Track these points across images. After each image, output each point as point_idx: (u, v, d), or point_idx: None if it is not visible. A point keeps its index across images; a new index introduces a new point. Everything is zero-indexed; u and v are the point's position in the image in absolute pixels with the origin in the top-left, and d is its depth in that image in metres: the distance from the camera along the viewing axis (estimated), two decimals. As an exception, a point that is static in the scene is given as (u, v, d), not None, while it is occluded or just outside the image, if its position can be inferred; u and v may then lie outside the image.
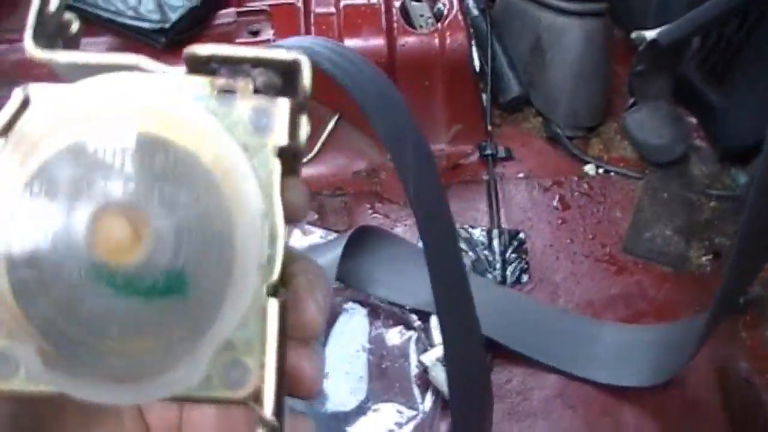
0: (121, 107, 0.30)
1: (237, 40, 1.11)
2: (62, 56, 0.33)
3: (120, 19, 1.12)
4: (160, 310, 0.30)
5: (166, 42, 1.12)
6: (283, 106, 0.32)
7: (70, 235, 0.29)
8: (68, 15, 0.37)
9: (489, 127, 1.17)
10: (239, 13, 1.16)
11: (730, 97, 1.13)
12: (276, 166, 0.32)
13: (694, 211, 1.11)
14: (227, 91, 0.32)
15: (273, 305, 0.31)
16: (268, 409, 0.31)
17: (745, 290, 0.96)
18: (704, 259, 1.07)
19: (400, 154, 0.52)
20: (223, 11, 1.18)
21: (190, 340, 0.30)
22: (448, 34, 1.12)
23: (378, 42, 1.11)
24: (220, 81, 0.32)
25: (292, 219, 0.36)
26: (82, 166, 0.29)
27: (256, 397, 0.31)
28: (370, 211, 1.12)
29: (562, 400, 0.96)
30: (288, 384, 0.36)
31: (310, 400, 0.36)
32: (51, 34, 0.35)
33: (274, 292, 0.32)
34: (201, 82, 0.32)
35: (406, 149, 0.52)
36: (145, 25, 1.12)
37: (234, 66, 0.33)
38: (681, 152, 1.16)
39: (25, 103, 0.31)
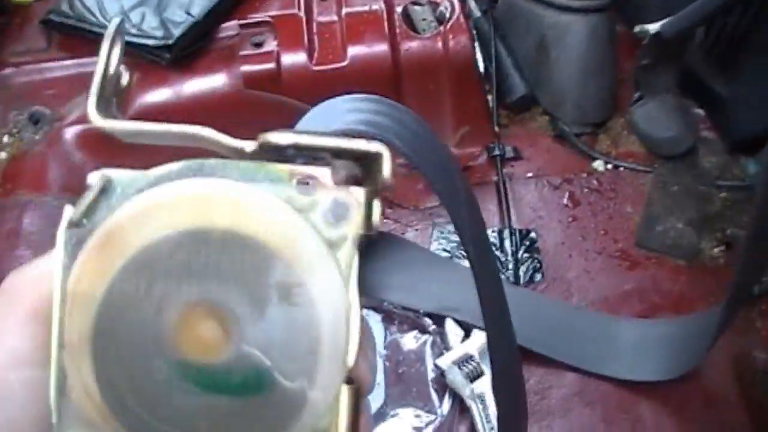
0: (205, 200, 0.30)
1: (241, 53, 1.11)
2: (127, 125, 0.34)
3: (125, 38, 1.13)
4: (248, 407, 0.30)
5: (170, 58, 1.12)
6: (360, 196, 0.33)
7: (158, 334, 0.29)
8: (120, 68, 0.37)
9: (496, 128, 1.17)
10: (242, 26, 1.16)
11: (737, 87, 1.13)
12: (355, 258, 0.32)
13: (705, 202, 1.11)
14: (305, 181, 0.32)
15: (348, 393, 0.32)
16: None
17: (759, 279, 0.96)
18: (717, 250, 1.07)
19: (458, 214, 0.53)
20: (226, 24, 1.18)
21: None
22: (450, 36, 1.12)
23: (381, 48, 1.11)
24: (301, 171, 0.32)
25: None
26: (169, 265, 0.29)
27: None
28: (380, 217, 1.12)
29: (580, 398, 0.96)
30: None
31: None
32: (108, 95, 0.35)
33: (349, 379, 0.32)
34: (279, 170, 0.32)
35: (462, 208, 0.53)
36: (150, 42, 1.13)
37: (313, 154, 0.33)
38: (689, 144, 1.15)
39: (104, 190, 0.31)
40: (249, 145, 0.33)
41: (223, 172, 0.32)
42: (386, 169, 0.34)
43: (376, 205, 0.35)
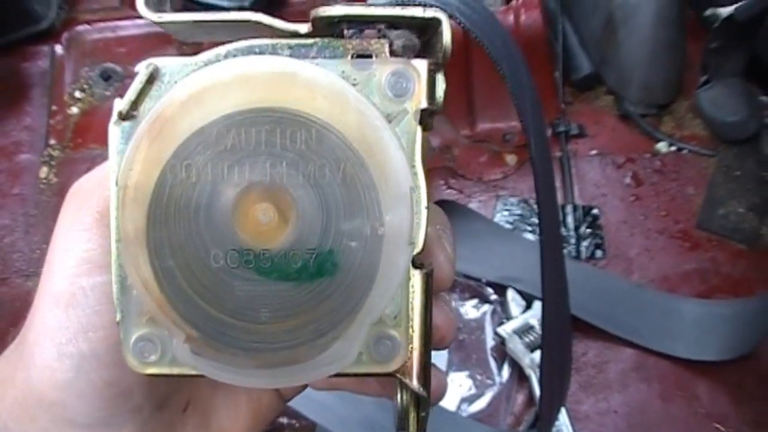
0: (253, 79, 0.29)
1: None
2: (177, 17, 0.32)
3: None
4: (311, 293, 0.29)
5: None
6: (422, 68, 0.31)
7: (213, 222, 0.29)
8: None
9: (562, 105, 1.18)
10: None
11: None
12: (418, 132, 0.30)
13: (767, 188, 1.11)
14: (362, 55, 0.30)
15: (419, 278, 0.31)
16: (414, 379, 0.31)
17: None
18: (777, 236, 1.08)
19: (522, 101, 0.53)
20: (299, -11, 1.20)
21: (342, 321, 0.29)
22: (523, 11, 1.13)
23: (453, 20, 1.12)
24: (356, 44, 0.30)
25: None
26: (220, 148, 0.28)
27: (404, 368, 0.31)
28: (444, 187, 1.13)
29: (637, 374, 0.97)
30: None
31: (443, 349, 0.36)
32: None
33: (419, 263, 0.31)
34: (332, 45, 0.30)
35: (526, 96, 0.53)
36: (224, 3, 1.15)
37: (367, 27, 0.31)
38: (754, 130, 1.15)
39: (152, 78, 0.30)
40: (303, 27, 0.31)
41: (273, 51, 0.30)
42: (446, 36, 0.32)
43: (440, 79, 0.32)
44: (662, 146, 1.16)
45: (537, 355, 0.95)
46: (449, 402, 0.95)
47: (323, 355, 0.30)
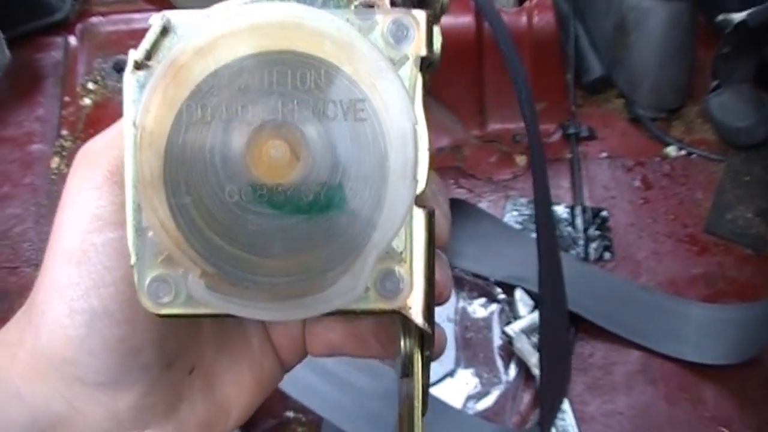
0: (263, 27, 0.30)
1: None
2: None
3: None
4: (322, 226, 0.30)
5: None
6: (421, 17, 0.32)
7: (228, 159, 0.30)
8: None
9: (572, 107, 1.18)
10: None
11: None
12: (418, 78, 0.32)
13: (775, 194, 1.12)
14: (365, 5, 0.32)
15: (420, 214, 0.32)
16: (419, 316, 0.32)
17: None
18: (784, 242, 1.08)
19: (528, 108, 0.54)
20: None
21: (351, 253, 0.31)
22: (535, 13, 1.13)
23: (466, 20, 1.13)
24: None
25: None
26: (233, 89, 0.30)
27: (408, 305, 0.32)
28: (454, 186, 1.14)
29: (643, 376, 0.98)
30: None
31: (440, 305, 0.37)
32: None
33: (422, 202, 0.32)
34: None
35: (529, 104, 0.54)
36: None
37: None
38: (763, 136, 1.16)
39: (165, 30, 0.31)
40: None
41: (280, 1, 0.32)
42: None
43: (437, 32, 0.34)
44: (671, 150, 1.16)
45: (544, 355, 0.96)
46: (455, 400, 0.96)
47: (332, 289, 0.31)
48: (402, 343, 0.35)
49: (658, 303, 1.01)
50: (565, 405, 0.93)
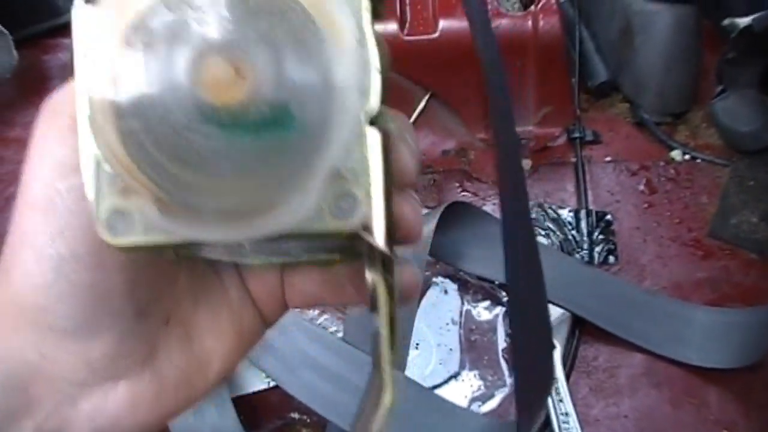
0: None
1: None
2: None
3: None
4: (270, 144, 0.30)
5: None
6: None
7: (173, 81, 0.29)
8: None
9: (577, 111, 1.19)
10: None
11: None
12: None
13: (780, 199, 1.12)
14: None
15: (374, 134, 0.31)
16: (378, 238, 0.31)
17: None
18: (789, 247, 1.08)
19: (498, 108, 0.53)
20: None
21: (299, 171, 0.30)
22: (541, 17, 1.13)
23: (472, 23, 1.13)
24: None
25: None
26: (176, 11, 0.29)
27: (366, 228, 0.31)
28: (459, 189, 1.14)
29: (647, 379, 0.98)
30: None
31: (408, 245, 0.36)
32: None
33: (375, 121, 0.31)
34: None
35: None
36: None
37: None
38: (768, 141, 1.16)
39: None
40: None
41: None
42: None
43: None
44: (676, 154, 1.17)
45: (548, 358, 0.96)
46: (460, 402, 0.96)
47: (283, 208, 0.31)
48: (368, 275, 0.34)
49: (662, 307, 1.01)
50: (569, 408, 0.93)
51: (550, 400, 0.94)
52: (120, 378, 0.37)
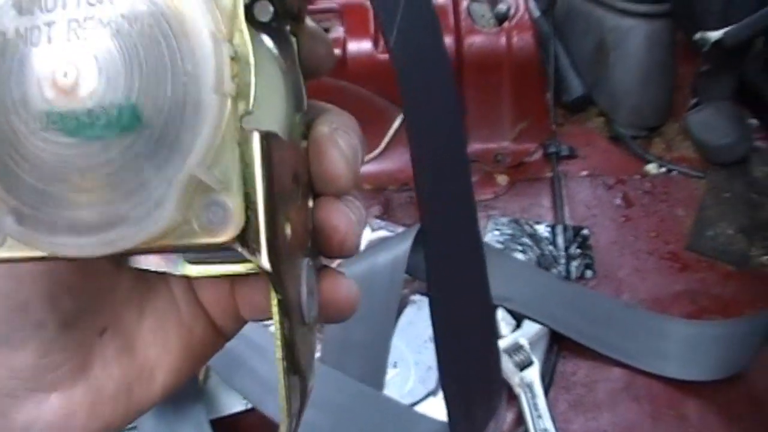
0: None
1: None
2: None
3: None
4: (119, 151, 0.27)
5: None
6: None
7: (17, 84, 0.27)
8: None
9: (553, 126, 1.19)
10: (309, 11, 1.18)
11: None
12: None
13: (756, 210, 1.13)
14: None
15: (254, 138, 0.29)
16: (258, 253, 0.29)
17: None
18: (766, 258, 1.08)
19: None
20: (294, 10, 1.21)
21: (153, 179, 0.28)
22: (515, 33, 1.14)
23: (446, 41, 1.13)
24: None
25: (315, 71, 0.35)
26: (25, 14, 0.28)
27: (246, 240, 0.29)
28: (436, 206, 1.14)
29: (627, 393, 0.97)
30: (319, 241, 0.34)
31: (343, 257, 0.35)
32: None
33: (248, 122, 0.29)
34: None
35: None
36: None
37: None
38: (743, 153, 1.17)
39: None
40: None
41: None
42: None
43: None
44: (652, 168, 1.17)
45: (526, 373, 0.96)
46: (440, 418, 0.95)
47: (141, 219, 0.28)
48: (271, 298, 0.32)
49: (640, 320, 1.01)
50: (548, 423, 0.92)
51: (529, 416, 0.94)
52: (51, 389, 0.35)
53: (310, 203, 0.35)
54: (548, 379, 0.98)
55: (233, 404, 0.96)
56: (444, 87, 0.63)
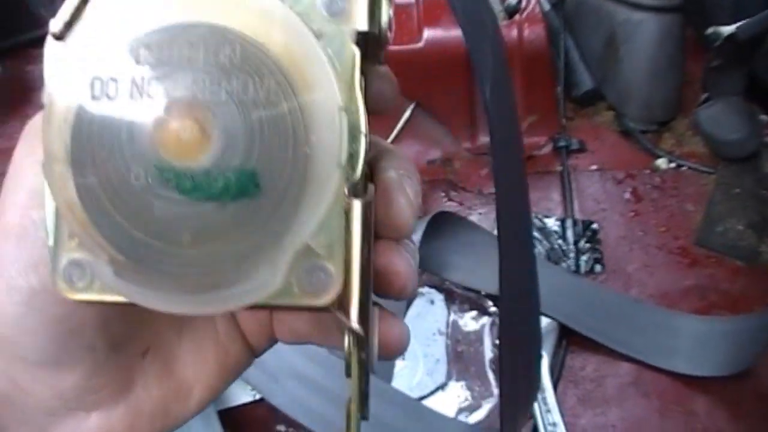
0: None
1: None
2: None
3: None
4: (233, 215, 0.28)
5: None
6: None
7: (135, 139, 0.27)
8: None
9: (563, 120, 1.19)
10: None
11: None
12: (355, 53, 0.29)
13: (765, 206, 1.12)
14: None
15: (356, 207, 0.29)
16: (352, 315, 0.30)
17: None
18: (775, 254, 1.08)
19: (478, 45, 0.50)
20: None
21: (267, 245, 0.28)
22: (526, 26, 1.13)
23: (457, 33, 1.12)
24: None
25: (379, 110, 0.35)
26: (144, 64, 0.27)
27: (340, 303, 0.29)
28: (445, 199, 1.14)
29: (635, 388, 0.97)
30: (380, 284, 0.34)
31: (403, 299, 0.35)
32: None
33: (356, 192, 0.29)
34: None
35: (485, 42, 0.50)
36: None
37: None
38: (753, 148, 1.16)
39: (85, 0, 0.28)
40: None
41: None
42: None
43: (385, 4, 0.30)
44: (662, 163, 1.17)
45: (535, 367, 0.95)
46: (447, 413, 0.95)
47: (247, 282, 0.28)
48: (344, 341, 0.32)
49: (649, 315, 1.01)
50: (557, 418, 0.92)
51: (537, 410, 0.93)
52: (93, 409, 0.36)
53: (371, 245, 0.34)
54: (557, 374, 0.98)
55: (241, 395, 0.95)
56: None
